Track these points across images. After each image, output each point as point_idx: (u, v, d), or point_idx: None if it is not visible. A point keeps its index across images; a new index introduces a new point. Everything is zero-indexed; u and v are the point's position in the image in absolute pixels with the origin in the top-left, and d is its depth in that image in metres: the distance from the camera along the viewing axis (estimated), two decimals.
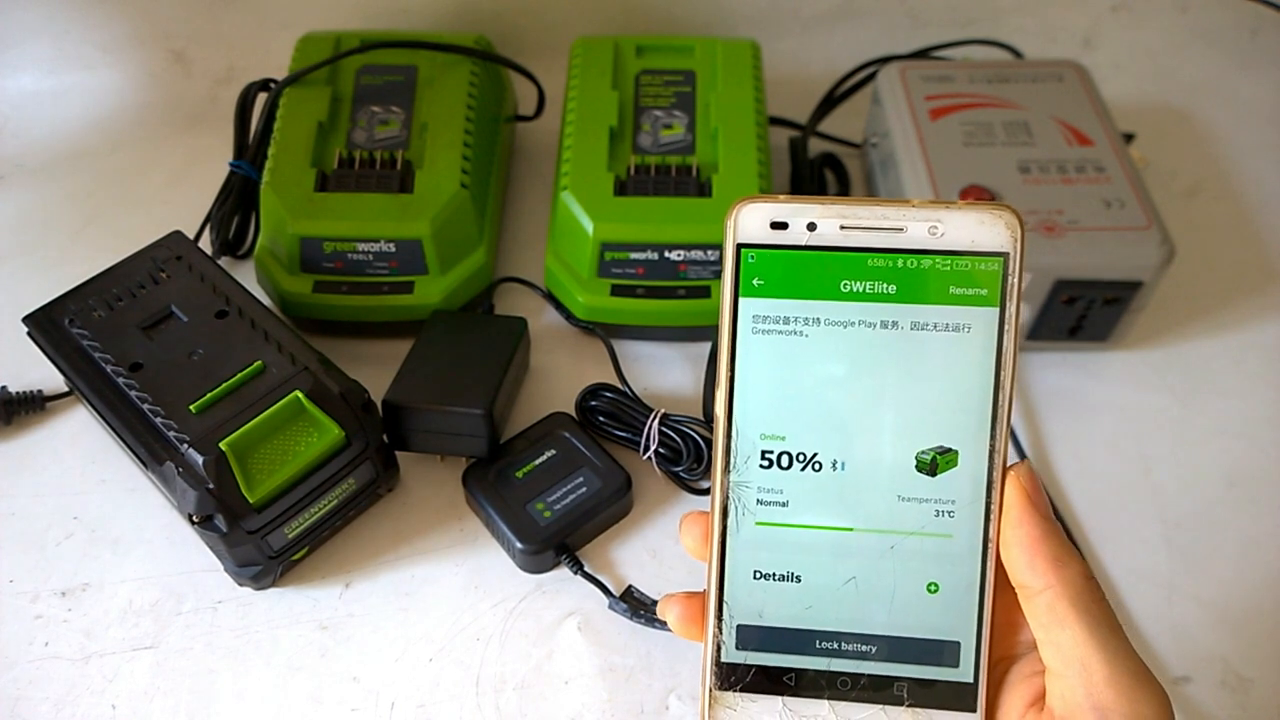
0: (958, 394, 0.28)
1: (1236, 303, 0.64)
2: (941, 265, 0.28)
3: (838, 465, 0.29)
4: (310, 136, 0.60)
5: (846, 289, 0.28)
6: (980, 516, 0.28)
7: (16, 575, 0.51)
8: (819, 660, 0.29)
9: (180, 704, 0.46)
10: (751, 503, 0.29)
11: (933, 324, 0.28)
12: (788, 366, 0.29)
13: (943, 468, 0.28)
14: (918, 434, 0.28)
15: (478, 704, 0.46)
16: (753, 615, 0.29)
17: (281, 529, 0.47)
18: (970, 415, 0.28)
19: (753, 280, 0.29)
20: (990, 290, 0.28)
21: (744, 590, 0.29)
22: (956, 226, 0.28)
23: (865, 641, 0.29)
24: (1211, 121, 0.77)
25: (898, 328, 0.28)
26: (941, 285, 0.28)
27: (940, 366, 0.28)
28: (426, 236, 0.57)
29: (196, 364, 0.48)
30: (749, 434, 0.29)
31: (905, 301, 0.28)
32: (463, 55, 0.65)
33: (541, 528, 0.50)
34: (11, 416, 0.57)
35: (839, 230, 0.28)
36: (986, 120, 0.62)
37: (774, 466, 0.29)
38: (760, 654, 0.29)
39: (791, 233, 0.28)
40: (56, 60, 0.77)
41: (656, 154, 0.61)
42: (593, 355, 0.60)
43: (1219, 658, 0.48)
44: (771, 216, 0.28)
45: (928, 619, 0.28)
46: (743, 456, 0.29)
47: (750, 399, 0.29)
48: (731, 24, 0.80)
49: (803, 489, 0.29)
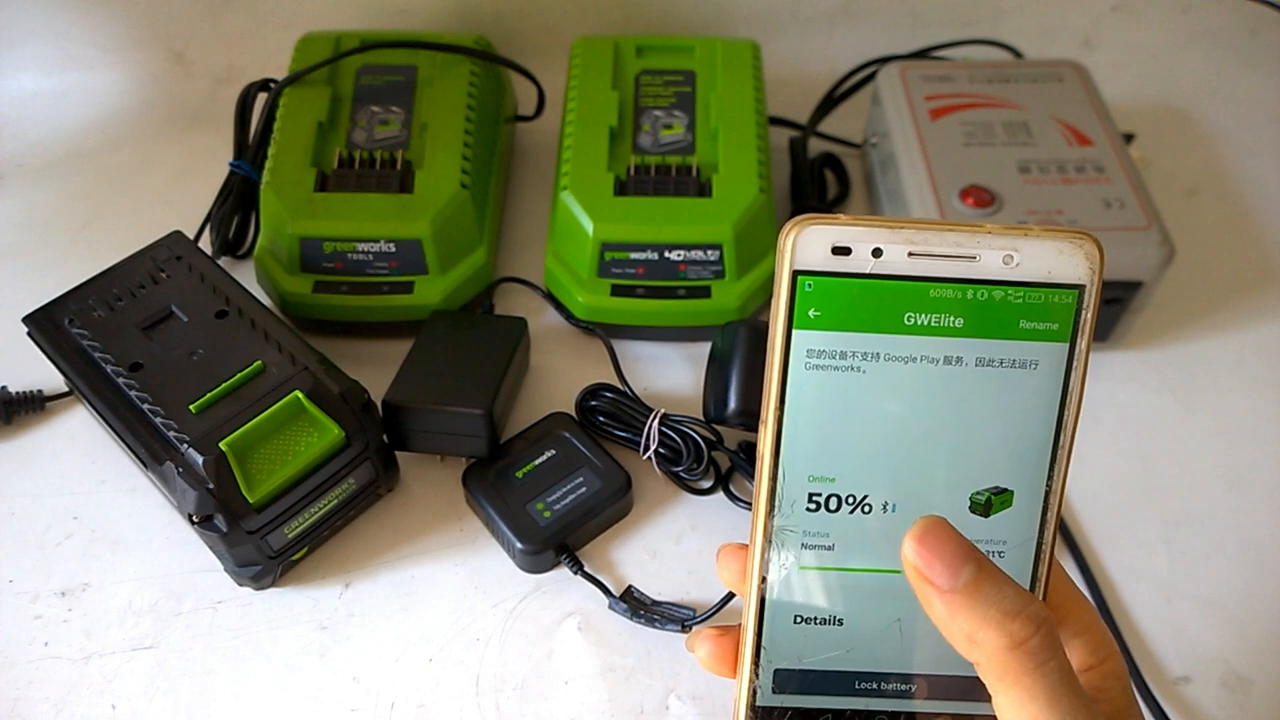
0: (1019, 433, 0.26)
1: (1236, 303, 0.64)
2: (1014, 297, 0.26)
3: (888, 508, 0.27)
4: (310, 136, 0.60)
5: (910, 321, 0.26)
6: (1030, 557, 0.27)
7: (16, 575, 0.51)
8: (858, 701, 0.27)
9: (180, 704, 0.46)
10: (796, 547, 0.27)
11: (999, 360, 0.26)
12: (842, 405, 0.26)
13: (996, 508, 0.27)
14: (974, 474, 0.27)
15: (477, 704, 0.46)
16: (792, 659, 0.28)
17: (281, 529, 0.47)
18: (1030, 455, 0.27)
19: (809, 311, 0.26)
20: (1062, 325, 0.26)
21: (784, 635, 0.28)
22: (1034, 256, 0.26)
23: (907, 681, 0.27)
24: (1211, 121, 0.77)
25: (962, 364, 0.26)
26: (1012, 319, 0.26)
27: (1003, 404, 0.26)
28: (426, 236, 0.57)
29: (196, 364, 0.48)
30: (797, 476, 0.27)
31: (972, 336, 0.26)
32: (463, 55, 0.65)
33: (541, 528, 0.50)
34: (11, 416, 0.57)
35: (907, 258, 0.26)
36: (986, 120, 0.62)
37: (821, 509, 0.27)
38: (798, 696, 0.28)
39: (855, 259, 0.26)
40: (57, 60, 0.77)
41: (656, 154, 0.61)
42: (593, 355, 0.60)
43: (1219, 658, 0.48)
44: (834, 241, 0.26)
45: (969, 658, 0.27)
46: (789, 500, 0.27)
47: (800, 439, 0.27)
48: (731, 24, 0.80)
49: (850, 531, 0.27)
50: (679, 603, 0.49)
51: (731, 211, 0.58)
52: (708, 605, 0.48)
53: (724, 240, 0.57)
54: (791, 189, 0.69)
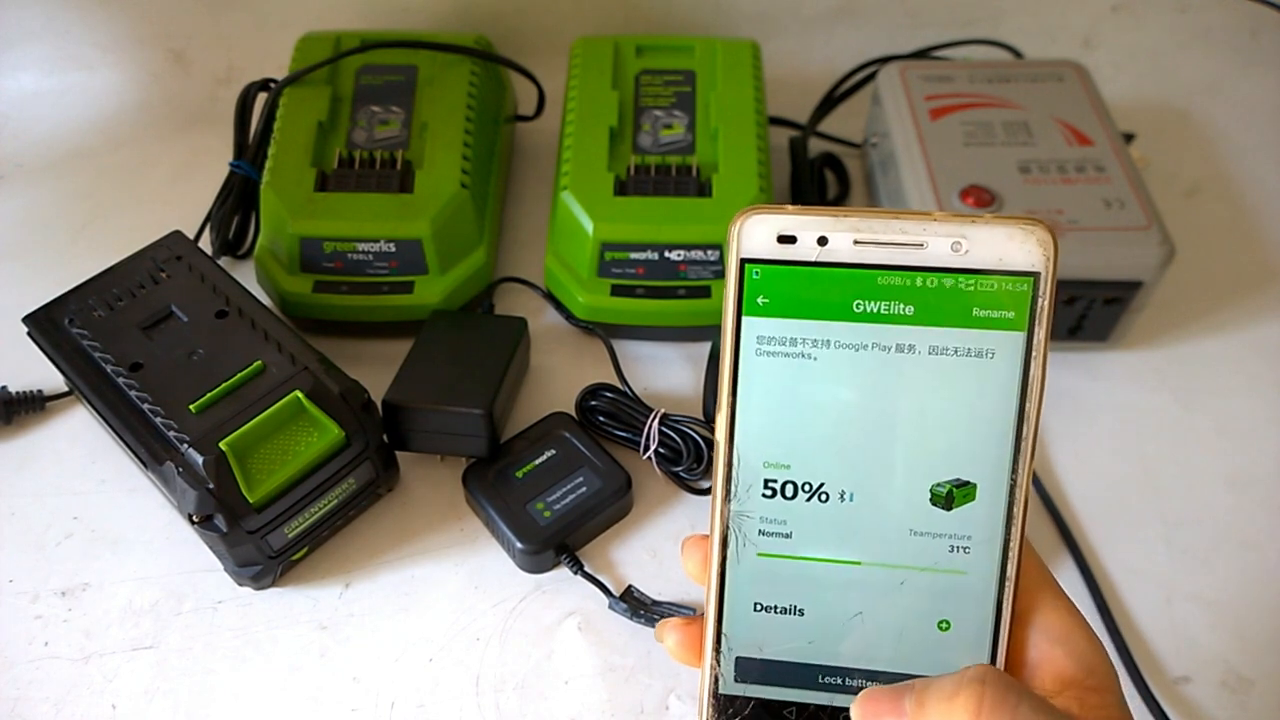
0: (977, 424, 0.26)
1: (1236, 303, 0.64)
2: (965, 285, 0.26)
3: (846, 496, 0.27)
4: (310, 136, 0.60)
5: (859, 309, 0.26)
6: (998, 553, 0.26)
7: (16, 575, 0.51)
8: (821, 695, 0.27)
9: (180, 704, 0.46)
10: (753, 533, 0.27)
11: (953, 348, 0.26)
12: (794, 391, 0.26)
13: (959, 502, 0.26)
14: (933, 465, 0.26)
15: (477, 704, 0.46)
16: (753, 648, 0.28)
17: (281, 529, 0.47)
18: (990, 447, 0.26)
19: (757, 298, 0.26)
20: (1018, 313, 0.25)
21: (744, 622, 0.28)
22: (983, 243, 0.25)
23: (871, 678, 0.27)
24: (1211, 121, 0.77)
25: (914, 352, 0.26)
26: (964, 307, 0.26)
27: (959, 394, 0.26)
28: (426, 236, 0.57)
29: (196, 364, 0.48)
30: (751, 461, 0.27)
31: (923, 324, 0.26)
32: (463, 55, 0.65)
33: (541, 528, 0.50)
34: (11, 416, 0.57)
35: (853, 245, 0.26)
36: (986, 120, 0.62)
37: (778, 496, 0.27)
38: (760, 687, 0.28)
39: (800, 247, 0.26)
40: (57, 60, 0.77)
41: (656, 154, 0.61)
42: (593, 355, 0.60)
43: (1219, 658, 0.48)
44: (779, 230, 0.26)
45: (938, 657, 0.27)
46: (744, 485, 0.27)
47: (753, 425, 0.27)
48: (731, 24, 0.80)
49: (808, 520, 0.27)
50: (679, 602, 0.49)
51: (732, 211, 0.57)
52: None
53: (724, 240, 0.57)
54: (791, 189, 0.69)
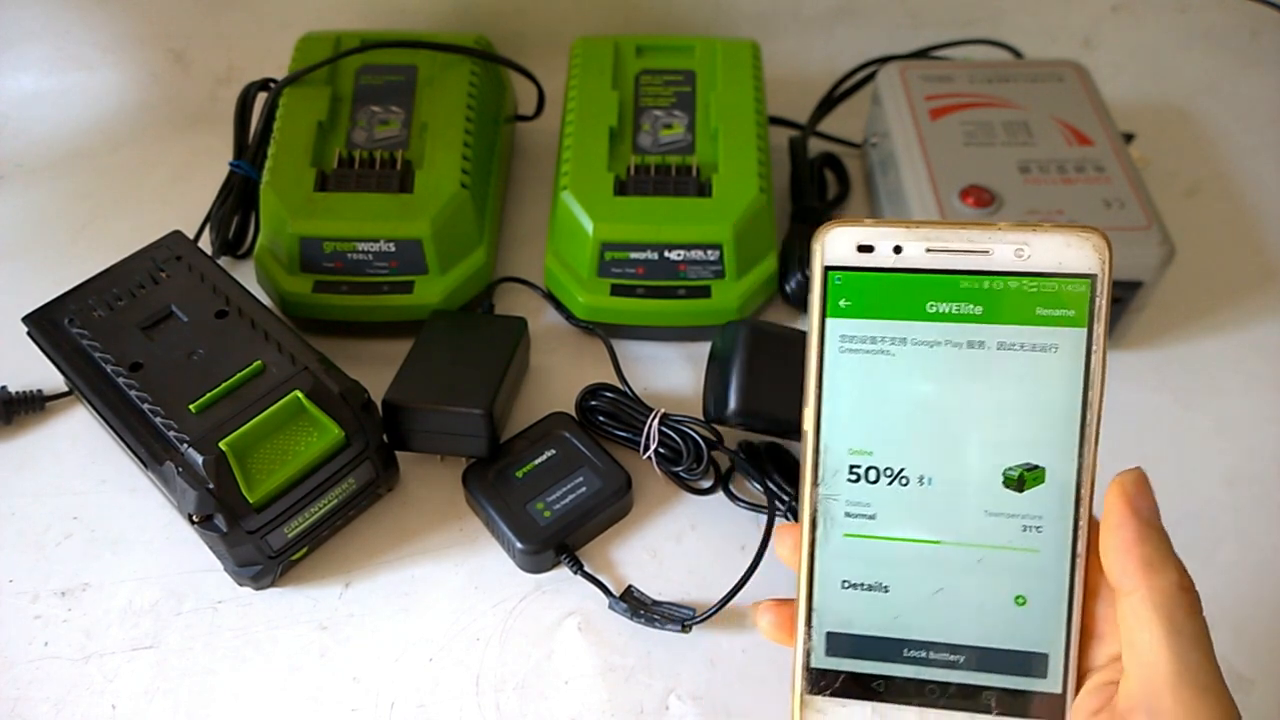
0: (1045, 412, 0.28)
1: (1236, 303, 0.64)
2: (1028, 287, 0.28)
3: (925, 480, 0.29)
4: (310, 136, 0.60)
5: (932, 310, 0.29)
6: (1068, 532, 0.28)
7: (16, 575, 0.51)
8: (907, 668, 0.29)
9: (180, 704, 0.46)
10: (840, 515, 0.29)
11: (1019, 344, 0.28)
12: (874, 384, 0.29)
13: (1030, 484, 0.28)
14: (1005, 451, 0.28)
15: (478, 704, 0.46)
16: (842, 623, 0.29)
17: (281, 529, 0.47)
18: (1058, 433, 0.28)
19: (840, 301, 0.29)
20: (1078, 311, 0.28)
21: (833, 599, 0.29)
22: (1043, 249, 0.28)
23: (953, 651, 0.29)
24: (1211, 121, 0.77)
25: (984, 347, 0.28)
26: (1028, 306, 0.28)
27: (1027, 385, 0.28)
28: (426, 236, 0.57)
29: (196, 364, 0.48)
30: (837, 449, 0.29)
31: (991, 322, 0.28)
32: (463, 55, 0.65)
33: (541, 528, 0.50)
34: (11, 416, 0.57)
35: (925, 252, 0.28)
36: (986, 120, 0.62)
37: (861, 481, 0.29)
38: (849, 660, 0.29)
39: (878, 255, 0.29)
40: (57, 60, 0.77)
41: (656, 154, 0.61)
42: (593, 355, 0.60)
43: (1219, 657, 0.48)
44: (858, 240, 0.29)
45: (1016, 631, 0.29)
46: (831, 471, 0.29)
47: (838, 416, 0.29)
48: (731, 24, 0.80)
49: (890, 503, 0.29)
50: (679, 603, 0.49)
51: (731, 211, 0.58)
52: (708, 605, 0.48)
53: (724, 240, 0.57)
54: (791, 189, 0.69)
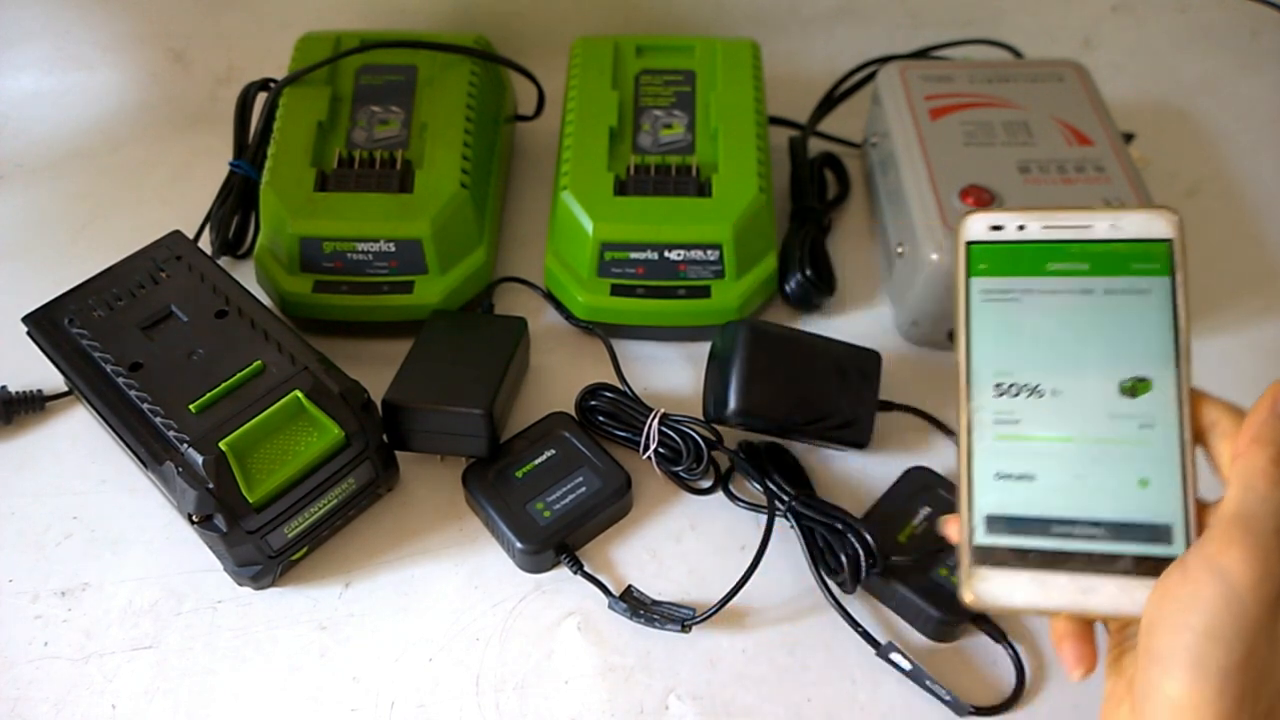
0: (1147, 337, 0.35)
1: (1236, 303, 0.64)
2: (1122, 249, 0.36)
3: (1055, 392, 0.36)
4: (310, 136, 0.60)
5: (1051, 268, 0.37)
6: (1175, 427, 0.35)
7: (16, 575, 0.51)
8: (1055, 541, 0.34)
9: (180, 704, 0.46)
10: (990, 423, 0.36)
11: (1121, 290, 0.36)
12: (1010, 324, 0.37)
13: (1140, 391, 0.35)
14: (1119, 367, 0.35)
15: (477, 704, 0.46)
16: (997, 507, 0.35)
17: (281, 529, 0.47)
18: (1158, 352, 0.35)
19: (980, 265, 0.37)
20: (1162, 264, 0.36)
21: (989, 489, 0.35)
22: (1131, 224, 0.36)
23: (1093, 525, 0.34)
24: (1211, 121, 0.77)
25: (1093, 293, 0.36)
26: (1124, 263, 0.36)
27: (1131, 319, 0.36)
28: (426, 236, 0.57)
29: (196, 364, 0.48)
30: (983, 372, 0.36)
31: (1097, 275, 0.36)
32: (462, 55, 0.66)
33: (541, 527, 0.50)
34: (11, 416, 0.57)
35: (1042, 229, 0.37)
36: (986, 120, 0.62)
37: (1005, 395, 0.36)
38: (1005, 537, 0.35)
39: (1007, 232, 0.37)
40: (57, 60, 0.77)
41: (656, 154, 0.61)
42: (592, 355, 0.60)
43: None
44: (990, 223, 0.38)
45: (1143, 506, 0.34)
46: (979, 389, 0.36)
47: (983, 348, 0.37)
48: (731, 24, 0.80)
49: (1029, 410, 0.36)
50: (679, 602, 0.49)
51: (731, 211, 0.58)
52: (707, 605, 0.48)
53: (724, 240, 0.57)
54: (791, 189, 0.69)
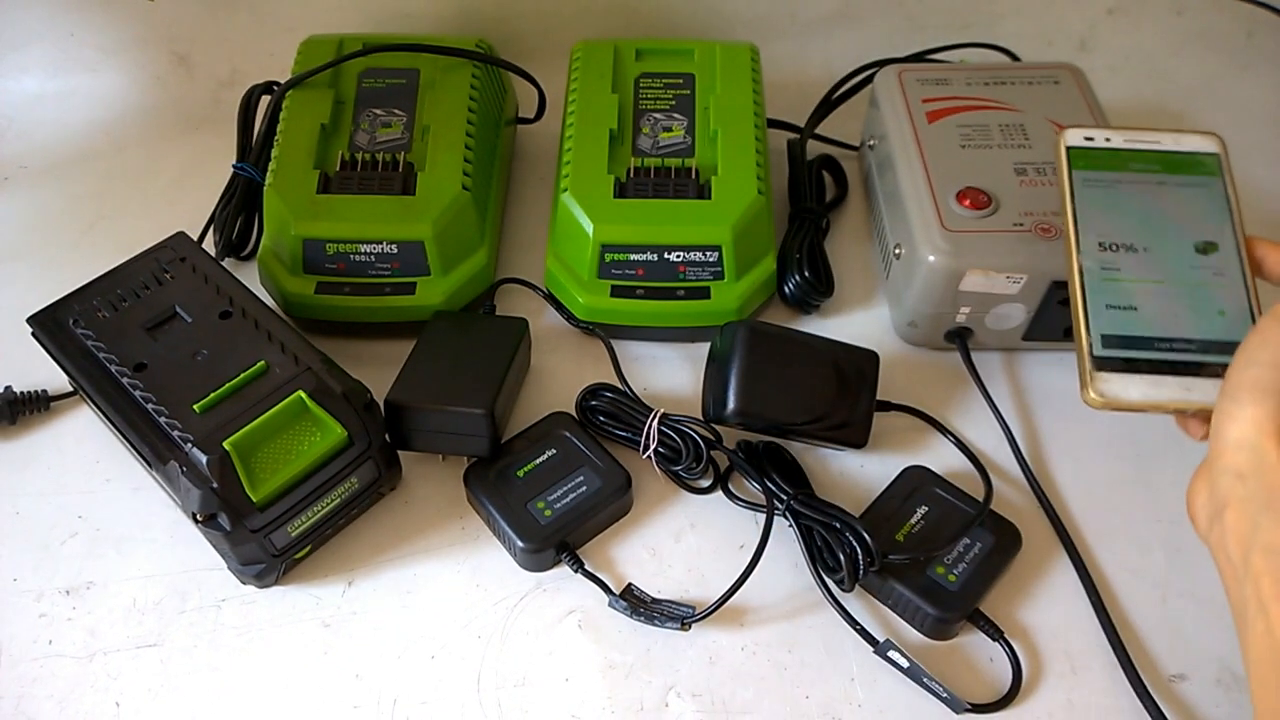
0: (1211, 213, 0.47)
1: None
2: (1184, 158, 0.48)
3: (1146, 249, 0.46)
4: (313, 139, 0.61)
5: (1133, 167, 0.48)
6: (1240, 276, 0.45)
7: (21, 574, 0.51)
8: (1158, 354, 0.43)
9: (184, 701, 0.47)
10: (1097, 268, 0.45)
11: (1187, 184, 0.47)
12: (1107, 201, 0.47)
13: (1210, 251, 0.45)
14: (1193, 233, 0.46)
15: (479, 701, 0.47)
16: (1109, 328, 0.44)
17: (284, 527, 0.48)
18: (1221, 223, 0.46)
19: (1079, 162, 0.48)
20: (1213, 169, 0.48)
21: (1101, 314, 0.44)
22: (1189, 143, 0.49)
23: (1186, 342, 0.43)
24: (1208, 123, 0.77)
25: (1166, 185, 0.47)
26: (1188, 165, 0.48)
27: (1197, 200, 0.47)
28: (428, 238, 0.58)
29: (200, 364, 0.49)
30: (1088, 235, 0.46)
31: (1167, 173, 0.48)
32: (464, 58, 0.66)
33: (542, 526, 0.50)
34: (16, 416, 0.57)
35: (1124, 141, 0.49)
36: (983, 123, 0.62)
37: (1106, 251, 0.46)
38: (1118, 350, 0.43)
39: (1097, 142, 0.49)
40: (61, 63, 0.78)
41: (656, 156, 0.62)
42: (593, 355, 0.61)
43: (1215, 656, 0.49)
44: (1085, 135, 0.49)
45: (1223, 329, 0.44)
46: (1086, 246, 0.46)
47: (1087, 218, 0.47)
48: (730, 27, 0.80)
49: (1126, 260, 0.46)
50: (678, 601, 0.50)
51: (730, 213, 0.58)
52: (707, 603, 0.48)
53: (723, 242, 0.58)
54: (790, 191, 0.69)
